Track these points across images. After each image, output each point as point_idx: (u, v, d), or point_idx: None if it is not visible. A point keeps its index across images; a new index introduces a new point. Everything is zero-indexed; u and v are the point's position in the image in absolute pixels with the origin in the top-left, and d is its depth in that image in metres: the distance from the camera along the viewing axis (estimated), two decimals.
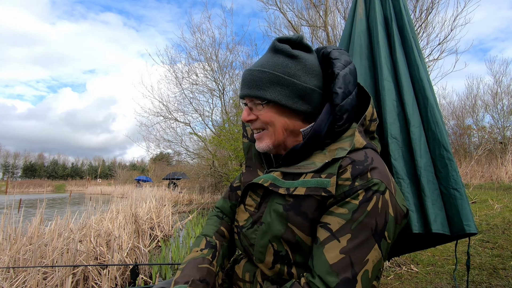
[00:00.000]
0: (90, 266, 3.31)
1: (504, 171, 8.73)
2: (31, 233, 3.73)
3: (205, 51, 12.33)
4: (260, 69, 0.82)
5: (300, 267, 0.77)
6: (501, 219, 4.20)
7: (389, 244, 0.72)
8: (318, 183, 0.73)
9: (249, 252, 0.86)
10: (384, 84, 1.16)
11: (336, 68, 0.82)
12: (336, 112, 0.80)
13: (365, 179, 0.70)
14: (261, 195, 0.84)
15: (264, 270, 0.82)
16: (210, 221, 1.05)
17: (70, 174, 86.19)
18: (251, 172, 0.96)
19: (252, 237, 0.83)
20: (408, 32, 1.22)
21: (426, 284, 2.66)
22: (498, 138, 13.92)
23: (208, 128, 12.91)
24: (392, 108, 1.13)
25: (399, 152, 1.09)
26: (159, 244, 5.77)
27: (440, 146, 1.07)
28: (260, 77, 0.81)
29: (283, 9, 7.67)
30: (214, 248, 0.93)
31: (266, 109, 0.83)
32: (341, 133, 0.82)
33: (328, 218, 0.72)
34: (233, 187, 1.08)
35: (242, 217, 0.89)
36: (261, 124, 0.85)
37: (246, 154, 1.03)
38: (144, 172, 41.80)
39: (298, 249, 0.76)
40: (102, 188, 23.11)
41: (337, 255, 0.67)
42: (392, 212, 0.71)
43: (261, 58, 0.86)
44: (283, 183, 0.79)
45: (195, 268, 0.85)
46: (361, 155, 0.75)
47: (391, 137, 1.09)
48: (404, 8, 1.27)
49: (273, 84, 0.81)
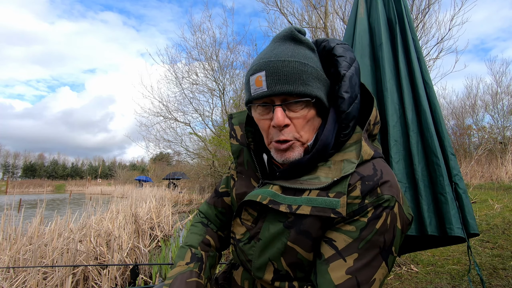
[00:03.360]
0: (90, 266, 3.31)
1: (504, 171, 8.73)
2: (31, 233, 3.73)
3: (206, 51, 12.32)
4: (299, 61, 0.68)
5: (301, 281, 0.74)
6: (501, 219, 4.20)
7: (395, 257, 0.69)
8: (326, 203, 0.66)
9: (246, 267, 0.82)
10: (387, 86, 1.16)
11: (341, 68, 0.73)
12: (343, 120, 0.72)
13: (375, 196, 0.65)
14: (258, 209, 0.77)
15: (263, 284, 0.79)
16: (194, 228, 0.98)
17: (70, 174, 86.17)
18: (244, 182, 0.87)
19: (250, 253, 0.78)
20: (408, 34, 1.22)
21: (426, 284, 2.66)
22: (498, 138, 13.91)
23: (208, 128, 12.90)
24: (394, 110, 1.14)
25: (400, 155, 1.10)
26: (159, 244, 5.77)
27: (430, 152, 1.08)
28: (303, 70, 0.68)
29: (283, 10, 7.67)
30: (200, 261, 0.87)
31: (305, 109, 0.70)
32: (345, 140, 0.74)
33: (333, 234, 0.67)
34: (218, 192, 0.99)
35: (238, 231, 0.82)
36: (295, 132, 0.71)
37: (237, 158, 0.91)
38: (144, 172, 41.78)
39: (300, 267, 0.72)
40: (102, 188, 23.09)
41: (343, 276, 0.63)
42: (400, 225, 0.68)
43: (280, 47, 0.71)
44: (284, 199, 0.71)
45: (183, 283, 0.80)
46: (369, 169, 0.68)
47: (393, 139, 1.09)
48: (405, 10, 1.27)
49: (315, 78, 0.70)
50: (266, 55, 0.71)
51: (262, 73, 0.69)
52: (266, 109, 0.72)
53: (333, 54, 0.76)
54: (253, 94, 0.71)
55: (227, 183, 0.98)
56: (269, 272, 0.75)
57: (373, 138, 0.81)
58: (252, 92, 0.71)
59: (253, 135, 0.85)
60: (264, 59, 0.70)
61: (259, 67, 0.70)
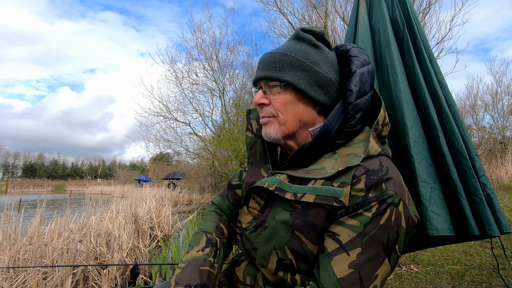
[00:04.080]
0: (90, 266, 3.31)
1: (504, 171, 8.73)
2: (31, 233, 3.73)
3: (206, 51, 12.32)
4: (282, 52, 0.78)
5: (304, 274, 0.74)
6: None
7: (398, 257, 0.70)
8: (330, 192, 0.68)
9: (251, 255, 0.83)
10: (400, 87, 1.14)
11: (353, 65, 0.78)
12: (349, 110, 0.74)
13: (380, 190, 0.66)
14: (265, 198, 0.80)
15: (266, 275, 0.79)
16: (209, 216, 1.00)
17: (70, 174, 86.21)
18: (254, 171, 0.91)
19: (256, 241, 0.80)
20: (418, 36, 1.21)
21: (426, 284, 2.66)
22: (498, 138, 13.92)
23: (208, 128, 12.90)
24: (410, 111, 1.12)
25: (421, 155, 1.08)
26: (159, 244, 5.77)
27: (458, 154, 1.06)
28: (281, 59, 0.77)
29: (283, 9, 7.67)
30: (215, 247, 0.89)
31: (282, 93, 0.78)
32: (353, 135, 0.76)
33: (337, 228, 0.68)
34: (231, 185, 1.03)
35: (245, 219, 0.85)
36: (272, 110, 0.79)
37: (250, 149, 0.96)
38: (144, 172, 41.82)
39: (303, 258, 0.73)
40: (102, 188, 23.11)
41: (345, 269, 0.64)
42: (404, 224, 0.68)
43: (282, 45, 0.82)
44: (290, 187, 0.74)
45: (197, 270, 0.81)
46: (375, 164, 0.70)
47: (412, 140, 1.08)
48: (411, 11, 1.26)
49: (294, 67, 0.77)
50: None
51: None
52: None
53: (348, 55, 0.82)
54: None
55: (240, 176, 1.02)
56: (273, 261, 0.76)
57: (382, 140, 0.82)
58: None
59: None
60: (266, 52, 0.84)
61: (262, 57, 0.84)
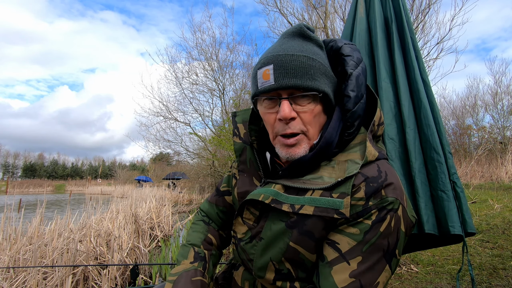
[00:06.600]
0: (90, 266, 3.31)
1: (504, 171, 8.73)
2: (31, 233, 3.73)
3: (206, 51, 12.32)
4: (308, 56, 0.69)
5: (303, 281, 0.73)
6: (501, 219, 4.20)
7: (398, 260, 0.68)
8: (329, 204, 0.65)
9: (248, 266, 0.81)
10: (382, 85, 1.16)
11: (348, 67, 0.73)
12: (348, 118, 0.71)
13: (379, 198, 0.64)
14: (260, 208, 0.77)
15: (264, 284, 0.78)
16: (196, 227, 0.97)
17: (70, 174, 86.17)
18: (246, 180, 0.86)
19: (251, 252, 0.77)
20: (407, 33, 1.22)
21: (426, 284, 2.66)
22: (498, 138, 13.91)
23: (208, 128, 12.89)
24: (389, 109, 1.14)
25: (396, 153, 1.10)
26: (159, 244, 5.77)
27: (431, 148, 1.08)
28: (311, 65, 0.68)
29: (283, 10, 7.67)
30: (203, 260, 0.87)
31: (312, 103, 0.69)
32: (349, 140, 0.73)
33: (337, 236, 0.66)
34: (219, 191, 0.99)
35: (240, 230, 0.82)
36: (301, 125, 0.70)
37: (239, 156, 0.91)
38: (144, 172, 41.81)
39: (302, 266, 0.71)
40: (102, 188, 23.09)
41: (346, 279, 0.63)
42: (404, 227, 0.67)
43: (288, 43, 0.72)
44: (287, 198, 0.70)
45: (189, 281, 0.79)
46: (374, 170, 0.67)
47: (388, 138, 1.10)
48: (403, 9, 1.27)
49: (322, 74, 0.70)
50: (275, 49, 0.71)
51: (270, 66, 0.69)
52: (273, 103, 0.71)
53: (341, 53, 0.76)
54: (260, 87, 0.71)
55: (228, 182, 0.98)
56: (271, 271, 0.74)
57: (377, 139, 0.80)
58: (259, 85, 0.71)
59: (257, 134, 0.85)
60: (273, 53, 0.70)
61: (267, 60, 0.70)
